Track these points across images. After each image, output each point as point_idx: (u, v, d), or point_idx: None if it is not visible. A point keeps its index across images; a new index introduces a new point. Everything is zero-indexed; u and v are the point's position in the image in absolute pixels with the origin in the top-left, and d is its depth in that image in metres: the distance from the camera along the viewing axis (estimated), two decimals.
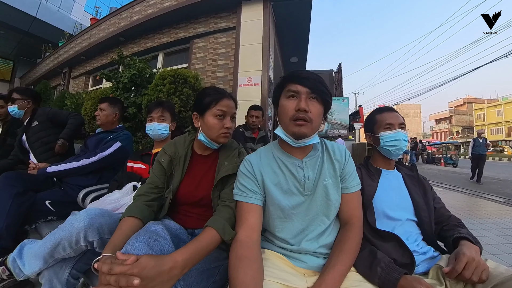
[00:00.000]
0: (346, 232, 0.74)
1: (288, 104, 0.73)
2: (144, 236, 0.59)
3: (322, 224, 0.75)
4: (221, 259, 0.80)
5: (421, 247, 0.82)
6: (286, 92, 0.74)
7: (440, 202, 0.97)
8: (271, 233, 0.79)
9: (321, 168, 0.78)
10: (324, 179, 0.76)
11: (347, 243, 0.71)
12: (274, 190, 0.76)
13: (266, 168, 0.80)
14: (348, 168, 0.80)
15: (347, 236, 0.73)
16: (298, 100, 0.71)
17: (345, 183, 0.79)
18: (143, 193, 0.87)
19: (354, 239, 0.72)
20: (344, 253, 0.68)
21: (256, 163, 0.81)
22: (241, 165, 0.83)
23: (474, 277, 0.63)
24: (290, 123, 0.72)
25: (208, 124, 0.87)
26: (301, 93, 0.72)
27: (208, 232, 0.69)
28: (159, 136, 1.37)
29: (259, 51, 3.86)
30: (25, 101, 1.88)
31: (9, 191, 1.20)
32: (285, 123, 0.74)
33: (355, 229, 0.74)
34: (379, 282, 0.67)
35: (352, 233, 0.73)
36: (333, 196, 0.75)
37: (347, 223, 0.77)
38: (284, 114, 0.73)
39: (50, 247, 0.75)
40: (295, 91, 0.72)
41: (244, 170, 0.80)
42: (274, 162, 0.80)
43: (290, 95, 0.73)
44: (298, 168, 0.77)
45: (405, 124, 0.97)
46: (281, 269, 0.68)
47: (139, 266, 0.49)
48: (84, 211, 0.79)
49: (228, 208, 0.78)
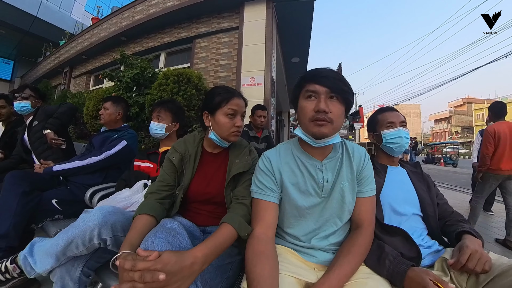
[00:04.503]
0: (357, 236, 0.74)
1: (307, 105, 0.71)
2: (162, 232, 0.59)
3: (334, 225, 0.76)
4: (233, 255, 0.81)
5: (426, 241, 0.84)
6: (305, 93, 0.72)
7: (443, 198, 1.01)
8: (282, 230, 0.80)
9: (340, 171, 0.77)
10: (342, 182, 0.75)
11: (356, 246, 0.70)
12: (292, 190, 0.76)
13: (284, 166, 0.79)
14: (365, 172, 0.79)
15: (357, 239, 0.72)
16: (317, 100, 0.69)
17: (360, 187, 0.78)
18: (155, 191, 0.87)
19: (363, 242, 0.72)
20: (352, 255, 0.68)
21: (275, 161, 0.80)
22: (260, 161, 0.82)
23: (478, 268, 0.65)
24: (310, 123, 0.70)
25: (219, 123, 0.88)
26: (320, 93, 0.69)
27: (225, 228, 0.69)
28: (154, 135, 1.38)
29: (262, 51, 3.85)
30: (37, 100, 1.87)
31: (16, 190, 1.20)
32: (305, 123, 0.72)
33: (366, 233, 0.74)
34: (387, 274, 0.69)
35: (363, 236, 0.73)
36: (348, 199, 0.75)
37: (358, 226, 0.76)
38: (304, 115, 0.72)
39: (63, 245, 0.75)
40: (313, 91, 0.70)
41: (263, 167, 0.80)
42: (293, 161, 0.80)
43: (309, 95, 0.71)
44: (318, 170, 0.76)
45: (406, 122, 1.01)
46: (293, 264, 0.70)
47: (162, 262, 0.49)
48: (98, 208, 0.79)
49: (243, 206, 0.78)
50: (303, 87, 0.73)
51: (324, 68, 0.73)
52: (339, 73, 0.72)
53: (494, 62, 9.94)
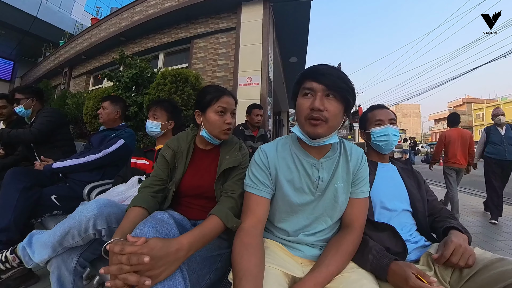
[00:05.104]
0: (345, 235, 0.73)
1: (303, 102, 0.70)
2: (151, 222, 0.63)
3: (324, 223, 0.76)
4: (223, 248, 0.84)
5: (414, 237, 0.85)
6: (302, 90, 0.71)
7: (432, 195, 1.01)
8: (272, 224, 0.81)
9: (336, 171, 0.77)
10: (336, 182, 0.75)
11: (344, 245, 0.70)
12: (286, 186, 0.76)
13: (281, 162, 0.78)
14: (361, 173, 0.78)
15: (345, 239, 0.72)
16: (313, 98, 0.68)
17: (354, 187, 0.78)
18: (148, 185, 0.90)
19: (352, 242, 0.71)
20: (340, 254, 0.68)
21: (272, 156, 0.79)
22: (256, 154, 0.82)
23: (461, 262, 0.66)
24: (305, 122, 0.69)
25: (209, 120, 0.91)
26: (316, 90, 0.68)
27: (212, 219, 0.73)
28: (150, 133, 1.42)
29: (259, 51, 3.89)
30: (28, 99, 1.89)
31: (17, 186, 1.24)
32: (301, 122, 0.71)
33: (355, 233, 0.73)
34: (371, 268, 0.70)
35: (352, 236, 0.72)
36: (341, 199, 0.75)
37: (348, 226, 0.76)
38: (299, 112, 0.71)
39: (60, 235, 0.79)
40: (310, 88, 0.68)
41: (259, 161, 0.79)
42: (290, 157, 0.79)
43: (305, 92, 0.70)
44: (314, 168, 0.76)
45: (395, 120, 1.01)
46: (280, 257, 0.71)
47: (149, 247, 0.53)
48: (93, 201, 0.83)
49: (231, 199, 0.82)
50: (302, 83, 0.72)
51: (324, 65, 0.71)
52: (339, 70, 0.70)
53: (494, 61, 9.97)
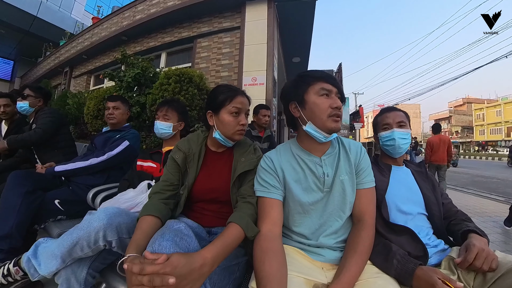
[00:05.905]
0: (359, 232, 0.74)
1: (323, 101, 0.76)
2: (169, 234, 0.58)
3: (339, 219, 0.77)
4: (240, 256, 0.80)
5: (432, 240, 0.85)
6: (319, 90, 0.76)
7: (447, 198, 1.01)
8: (288, 229, 0.81)
9: (338, 165, 0.80)
10: (341, 175, 0.78)
11: (360, 244, 0.71)
12: (295, 187, 0.78)
13: (286, 164, 0.81)
14: (363, 163, 0.82)
15: (360, 236, 0.73)
16: (331, 98, 0.76)
17: (359, 178, 0.80)
18: (159, 191, 0.85)
19: (367, 239, 0.72)
20: (358, 254, 0.68)
21: (277, 160, 0.82)
22: (262, 161, 0.85)
23: (485, 266, 0.65)
24: (328, 119, 0.75)
25: (223, 121, 0.87)
26: (332, 92, 0.77)
27: (232, 228, 0.69)
28: (161, 134, 1.37)
29: (264, 51, 3.84)
30: (37, 99, 1.85)
31: (19, 190, 1.19)
32: (322, 119, 0.75)
33: (367, 227, 0.75)
34: (395, 273, 0.69)
35: (365, 232, 0.74)
36: (348, 191, 0.77)
37: (359, 220, 0.77)
38: (320, 110, 0.75)
39: (68, 246, 0.74)
40: (328, 89, 0.76)
41: (265, 166, 0.82)
42: (293, 158, 0.82)
43: (324, 93, 0.76)
44: (317, 165, 0.79)
45: (406, 122, 1.00)
46: (301, 264, 0.70)
47: (171, 265, 0.48)
48: (102, 210, 0.77)
49: (250, 205, 0.78)
50: (314, 84, 0.77)
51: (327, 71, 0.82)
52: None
53: (494, 62, 9.94)
